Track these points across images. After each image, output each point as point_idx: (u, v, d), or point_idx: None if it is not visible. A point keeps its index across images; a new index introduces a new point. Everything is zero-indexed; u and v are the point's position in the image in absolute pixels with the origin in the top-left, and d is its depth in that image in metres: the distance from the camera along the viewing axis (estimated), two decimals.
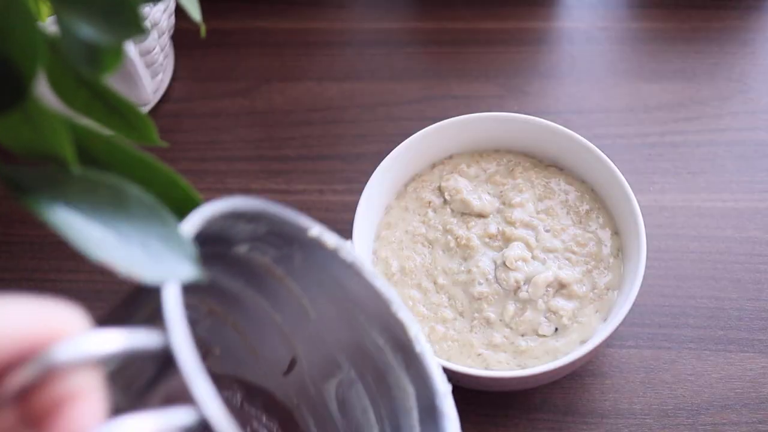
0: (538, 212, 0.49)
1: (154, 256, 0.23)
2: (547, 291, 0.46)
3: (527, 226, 0.48)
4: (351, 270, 0.32)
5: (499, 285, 0.46)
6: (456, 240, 0.48)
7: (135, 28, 0.23)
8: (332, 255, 0.32)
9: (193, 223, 0.25)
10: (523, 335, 0.45)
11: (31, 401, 0.20)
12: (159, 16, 0.56)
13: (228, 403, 0.35)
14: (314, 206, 0.55)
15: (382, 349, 0.34)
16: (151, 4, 0.43)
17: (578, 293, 0.46)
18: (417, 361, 0.33)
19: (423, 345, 0.33)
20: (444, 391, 0.32)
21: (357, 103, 0.61)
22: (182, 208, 0.26)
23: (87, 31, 0.23)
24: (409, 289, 0.47)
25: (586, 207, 0.49)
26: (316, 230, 0.31)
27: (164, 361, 0.22)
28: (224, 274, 0.33)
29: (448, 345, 0.45)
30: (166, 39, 0.59)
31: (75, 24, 0.23)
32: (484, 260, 0.47)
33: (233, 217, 0.28)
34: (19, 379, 0.19)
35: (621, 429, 0.46)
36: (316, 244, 0.31)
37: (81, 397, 0.20)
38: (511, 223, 0.48)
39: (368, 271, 0.33)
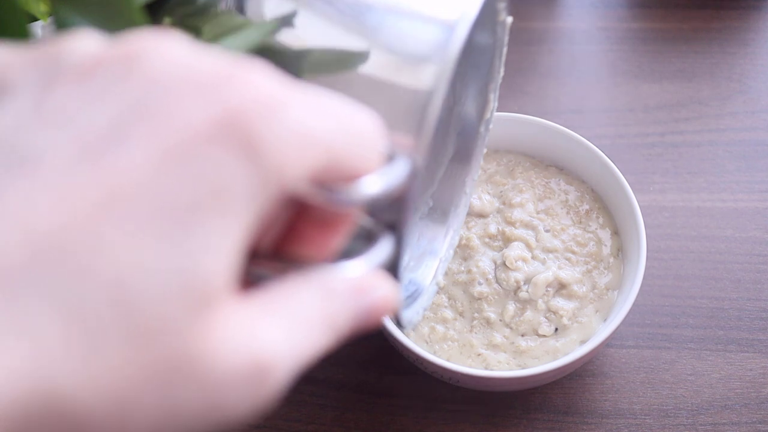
0: (538, 212, 0.49)
1: None
2: (547, 291, 0.46)
3: (527, 226, 0.48)
4: (493, 45, 0.40)
5: (499, 285, 0.46)
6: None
7: (132, 22, 0.23)
8: (498, 24, 0.38)
9: None
10: (523, 335, 0.45)
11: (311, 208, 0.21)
12: None
13: None
14: None
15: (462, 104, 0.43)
16: None
17: (578, 293, 0.46)
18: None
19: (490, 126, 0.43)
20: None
21: None
22: None
23: (83, 25, 0.23)
24: None
25: (586, 207, 0.49)
26: (504, 5, 0.37)
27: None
28: None
29: (448, 345, 0.45)
30: None
31: (71, 18, 0.23)
32: (484, 260, 0.47)
33: None
34: (318, 196, 0.20)
35: (621, 429, 0.46)
36: (494, 12, 0.37)
37: (342, 226, 0.21)
38: (511, 223, 0.48)
39: (502, 54, 0.40)
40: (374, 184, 0.21)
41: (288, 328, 0.18)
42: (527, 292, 0.46)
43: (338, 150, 0.19)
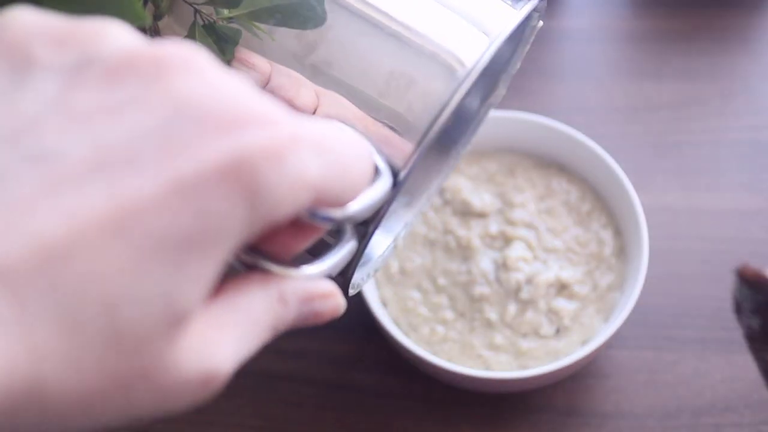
0: (539, 212, 0.49)
1: None
2: (548, 291, 0.46)
3: (528, 226, 0.48)
4: (517, 43, 0.38)
5: (500, 285, 0.46)
6: (456, 240, 0.48)
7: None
8: (528, 27, 0.37)
9: None
10: (524, 336, 0.45)
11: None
12: None
13: None
14: None
15: None
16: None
17: (579, 294, 0.46)
18: None
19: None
20: None
21: None
22: None
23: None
24: (409, 290, 0.47)
25: (587, 207, 0.49)
26: (541, 13, 0.35)
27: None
28: None
29: (449, 346, 0.45)
30: None
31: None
32: (485, 261, 0.47)
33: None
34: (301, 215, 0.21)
35: (623, 430, 0.45)
36: (527, 18, 0.34)
37: (314, 233, 0.23)
38: (512, 223, 0.48)
39: (524, 51, 0.40)
40: (356, 204, 0.22)
41: (237, 337, 0.20)
42: (528, 292, 0.45)
43: (329, 187, 0.20)
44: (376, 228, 0.27)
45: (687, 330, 0.49)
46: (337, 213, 0.22)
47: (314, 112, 0.28)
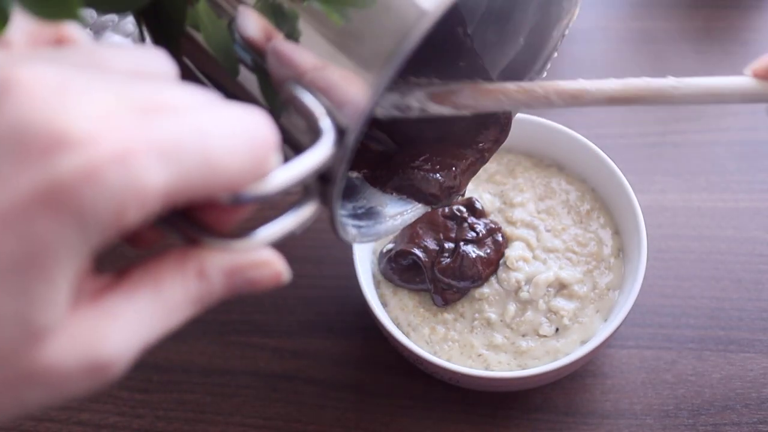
0: (538, 212, 0.49)
1: None
2: (547, 291, 0.46)
3: (528, 226, 0.48)
4: None
5: (500, 285, 0.46)
6: None
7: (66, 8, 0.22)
8: None
9: None
10: (523, 336, 0.45)
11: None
12: None
13: None
14: None
15: None
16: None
17: (579, 293, 0.46)
18: None
19: None
20: None
21: None
22: None
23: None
24: (409, 290, 0.47)
25: (586, 207, 0.49)
26: None
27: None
28: None
29: (449, 345, 0.45)
30: None
31: None
32: None
33: None
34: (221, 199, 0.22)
35: (621, 429, 0.46)
36: None
37: (245, 209, 0.23)
38: (512, 223, 0.48)
39: None
40: (277, 178, 0.22)
41: (136, 321, 0.21)
42: (528, 292, 0.45)
43: (193, 185, 0.20)
44: (333, 187, 0.26)
45: (686, 329, 0.49)
46: (252, 192, 0.22)
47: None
